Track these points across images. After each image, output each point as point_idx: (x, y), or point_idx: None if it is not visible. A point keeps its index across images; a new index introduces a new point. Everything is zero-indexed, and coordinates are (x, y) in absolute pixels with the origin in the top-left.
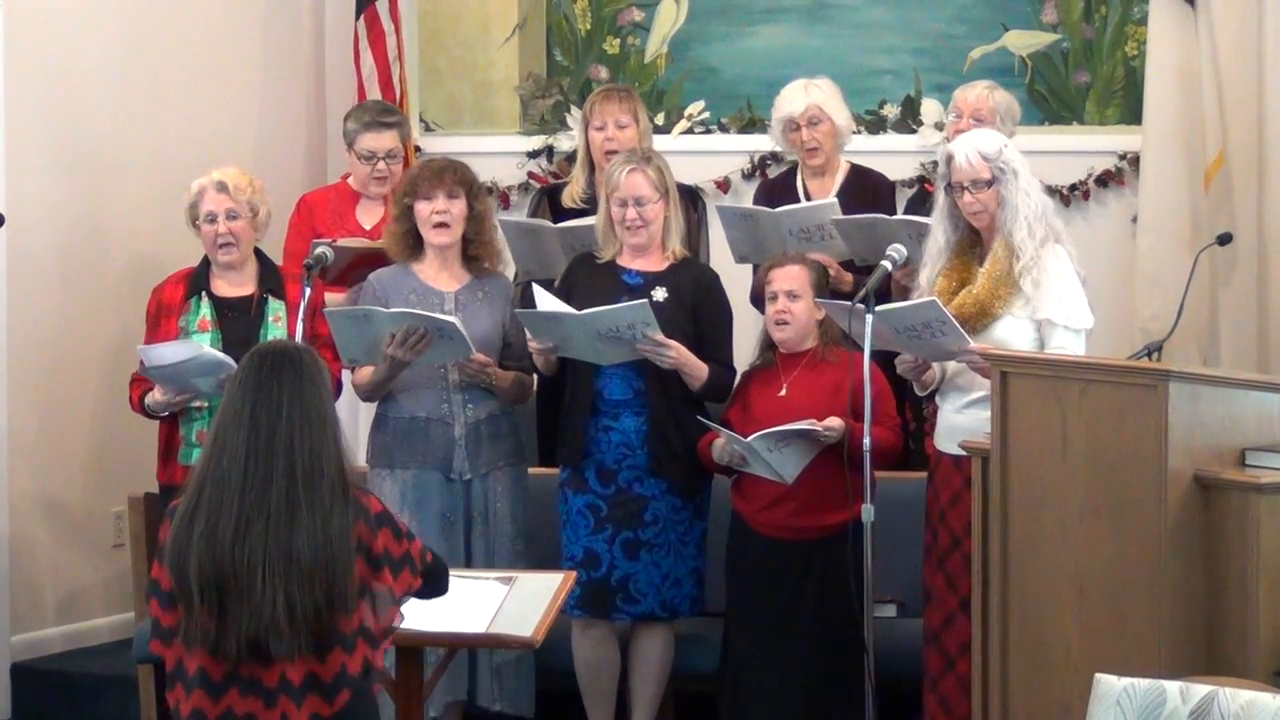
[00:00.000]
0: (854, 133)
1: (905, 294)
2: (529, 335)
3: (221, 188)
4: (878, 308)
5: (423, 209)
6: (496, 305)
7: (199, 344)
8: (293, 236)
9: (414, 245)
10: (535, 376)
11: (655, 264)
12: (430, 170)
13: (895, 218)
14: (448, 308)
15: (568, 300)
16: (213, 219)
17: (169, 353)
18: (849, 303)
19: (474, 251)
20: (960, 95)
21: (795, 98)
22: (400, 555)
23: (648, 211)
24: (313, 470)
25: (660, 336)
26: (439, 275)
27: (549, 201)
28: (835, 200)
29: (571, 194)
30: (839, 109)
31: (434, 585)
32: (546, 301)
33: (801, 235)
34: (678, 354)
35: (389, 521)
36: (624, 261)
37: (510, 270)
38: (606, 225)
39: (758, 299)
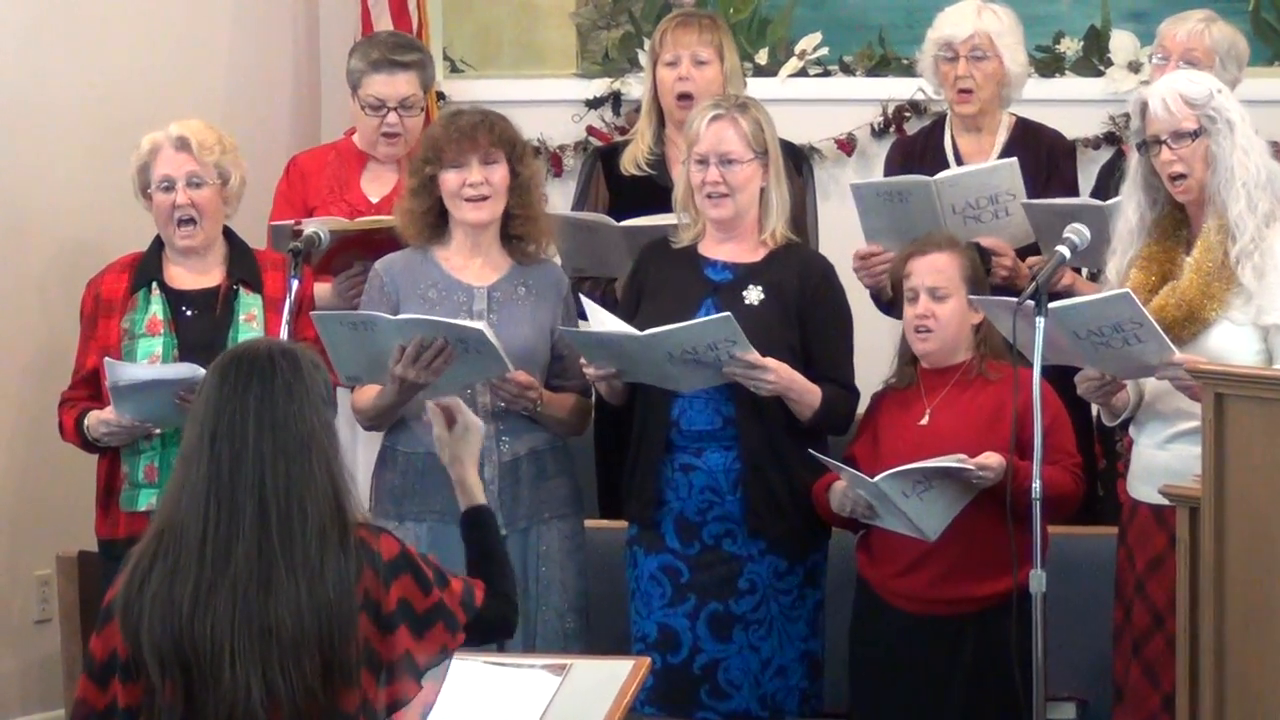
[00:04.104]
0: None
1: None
2: (583, 360)
3: (182, 145)
4: (1052, 305)
5: (451, 179)
6: (544, 304)
7: (192, 366)
8: (281, 208)
9: (436, 226)
10: (594, 399)
11: (748, 253)
12: (459, 128)
13: (1110, 202)
14: (478, 307)
15: (638, 302)
16: (169, 186)
17: (142, 372)
18: (1013, 299)
19: (516, 230)
20: (1167, 30)
21: (963, 19)
22: (427, 609)
23: (735, 175)
24: (290, 513)
25: (754, 356)
26: (468, 264)
27: (604, 167)
28: (1014, 160)
29: (634, 155)
30: (1015, 50)
31: (485, 633)
32: (599, 318)
33: (968, 213)
34: (779, 376)
35: (409, 567)
36: (707, 250)
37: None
38: (686, 194)
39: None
